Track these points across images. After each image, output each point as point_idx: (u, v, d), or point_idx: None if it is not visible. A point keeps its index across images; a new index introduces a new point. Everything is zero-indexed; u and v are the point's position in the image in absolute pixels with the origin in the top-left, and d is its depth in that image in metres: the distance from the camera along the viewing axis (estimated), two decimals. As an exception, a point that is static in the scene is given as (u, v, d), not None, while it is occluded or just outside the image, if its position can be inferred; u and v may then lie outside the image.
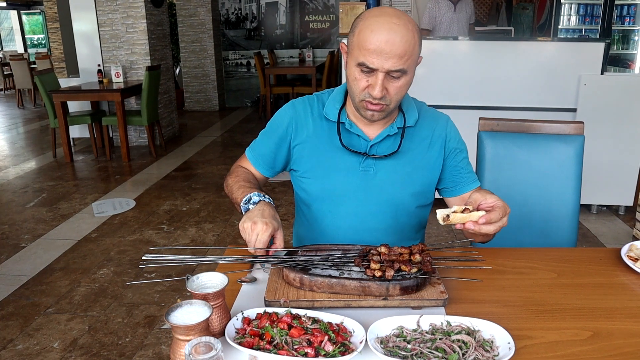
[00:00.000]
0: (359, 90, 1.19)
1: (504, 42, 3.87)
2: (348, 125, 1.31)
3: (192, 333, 0.83)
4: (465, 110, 3.44)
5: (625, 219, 3.69)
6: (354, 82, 1.19)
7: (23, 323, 2.46)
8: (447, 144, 1.35)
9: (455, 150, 1.36)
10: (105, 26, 5.80)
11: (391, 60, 1.12)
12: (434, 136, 1.35)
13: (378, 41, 1.11)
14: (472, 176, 1.38)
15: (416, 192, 1.34)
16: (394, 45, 1.11)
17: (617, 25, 6.81)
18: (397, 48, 1.11)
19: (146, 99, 5.28)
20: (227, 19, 8.49)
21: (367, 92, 1.18)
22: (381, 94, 1.15)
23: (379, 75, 1.14)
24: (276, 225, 1.14)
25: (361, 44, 1.14)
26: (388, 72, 1.13)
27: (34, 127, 7.58)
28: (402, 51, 1.12)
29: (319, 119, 1.35)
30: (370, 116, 1.23)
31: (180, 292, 2.71)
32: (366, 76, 1.16)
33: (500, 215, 1.08)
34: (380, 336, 0.92)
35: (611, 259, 1.27)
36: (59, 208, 4.03)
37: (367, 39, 1.12)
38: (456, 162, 1.36)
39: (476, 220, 1.07)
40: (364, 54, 1.13)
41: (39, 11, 14.62)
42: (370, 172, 1.31)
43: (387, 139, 1.31)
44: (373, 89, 1.15)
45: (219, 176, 4.83)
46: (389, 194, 1.33)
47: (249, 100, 8.80)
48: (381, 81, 1.14)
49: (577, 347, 0.93)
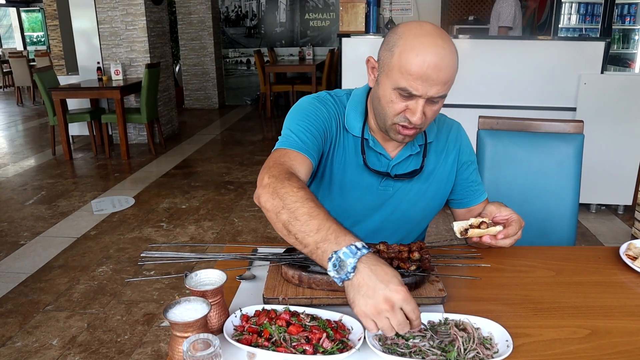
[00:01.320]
0: (393, 113, 1.11)
1: (504, 40, 3.87)
2: (372, 142, 1.23)
3: (190, 330, 0.83)
4: (465, 109, 3.44)
5: (624, 218, 3.69)
6: (388, 104, 1.10)
7: (22, 320, 2.46)
8: (460, 156, 1.32)
9: (467, 162, 1.33)
10: (104, 23, 5.79)
11: (436, 87, 1.04)
12: (448, 147, 1.31)
13: (425, 67, 1.02)
14: (480, 188, 1.36)
15: (429, 207, 1.33)
16: (441, 71, 1.03)
17: (617, 24, 6.81)
18: (444, 75, 1.03)
19: (146, 97, 5.27)
20: (227, 17, 8.48)
21: (403, 116, 1.10)
22: (421, 121, 1.08)
23: (420, 102, 1.06)
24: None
25: (403, 67, 1.04)
26: (430, 98, 1.06)
27: (33, 125, 7.57)
28: (447, 77, 1.04)
29: (343, 129, 1.24)
30: (401, 140, 1.16)
31: (179, 290, 2.71)
32: (404, 100, 1.08)
33: (517, 229, 1.11)
34: (379, 333, 0.92)
35: (610, 258, 1.27)
36: (58, 206, 4.03)
37: (412, 63, 1.03)
38: (467, 174, 1.33)
39: (494, 234, 1.12)
40: (406, 78, 1.04)
41: (38, 8, 14.58)
42: (388, 191, 1.27)
43: (409, 158, 1.26)
44: (413, 114, 1.08)
45: (218, 174, 4.83)
46: (403, 211, 1.30)
47: (249, 98, 8.79)
48: (422, 107, 1.07)
49: (575, 345, 0.93)
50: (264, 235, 3.43)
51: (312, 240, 0.89)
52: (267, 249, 1.25)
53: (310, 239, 0.89)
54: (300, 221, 0.91)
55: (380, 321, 0.81)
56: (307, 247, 0.90)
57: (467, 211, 1.35)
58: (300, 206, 0.93)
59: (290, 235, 0.93)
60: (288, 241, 0.95)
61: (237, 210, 3.90)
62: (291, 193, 0.95)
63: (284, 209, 0.94)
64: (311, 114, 1.20)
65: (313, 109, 1.21)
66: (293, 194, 0.95)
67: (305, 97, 1.26)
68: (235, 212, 3.85)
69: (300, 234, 0.91)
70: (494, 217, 1.12)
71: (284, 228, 0.94)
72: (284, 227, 0.94)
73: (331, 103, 1.24)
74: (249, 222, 3.65)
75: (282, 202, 0.95)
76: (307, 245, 0.90)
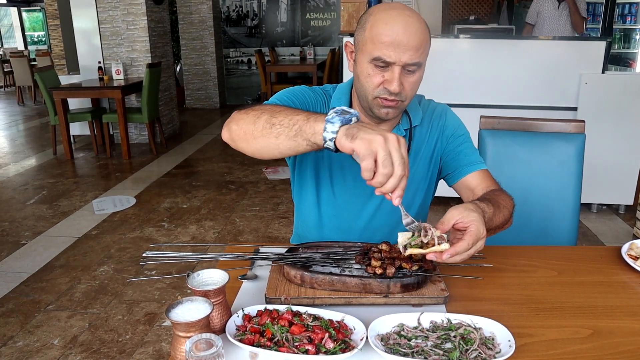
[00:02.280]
0: (372, 86, 1.14)
1: (505, 40, 3.87)
2: None
3: (192, 330, 0.83)
4: (466, 109, 3.43)
5: (625, 217, 3.69)
6: (366, 78, 1.14)
7: (23, 320, 2.47)
8: (445, 131, 1.33)
9: (453, 136, 1.33)
10: (105, 23, 5.79)
11: (408, 53, 1.08)
12: (432, 126, 1.33)
13: (394, 33, 1.07)
14: (471, 158, 1.30)
15: (419, 189, 1.34)
16: (411, 36, 1.08)
17: (618, 24, 6.81)
18: (414, 40, 1.08)
19: (147, 97, 5.28)
20: (228, 17, 8.48)
21: (382, 88, 1.13)
22: (399, 89, 1.11)
23: (396, 70, 1.10)
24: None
25: (375, 38, 1.09)
26: (404, 66, 1.10)
27: (34, 125, 7.58)
28: (418, 43, 1.09)
29: None
30: (385, 114, 1.17)
31: (180, 290, 2.71)
32: (381, 71, 1.12)
33: (468, 245, 0.94)
34: (381, 333, 0.92)
35: (611, 257, 1.27)
36: (59, 205, 4.03)
37: (383, 32, 1.08)
38: (454, 146, 1.32)
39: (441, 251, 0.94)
40: (379, 47, 1.09)
41: (39, 8, 14.59)
42: None
43: None
44: (390, 83, 1.11)
45: (219, 174, 4.83)
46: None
47: (250, 98, 8.80)
48: (398, 75, 1.10)
49: (577, 345, 0.93)
50: (265, 235, 3.43)
51: (301, 116, 0.94)
52: (269, 249, 1.25)
53: (299, 116, 0.94)
54: (283, 112, 0.97)
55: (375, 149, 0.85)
56: (296, 123, 0.94)
57: (465, 187, 1.30)
58: (277, 107, 1.01)
59: (274, 126, 0.96)
60: (272, 134, 0.96)
61: (238, 209, 3.90)
62: (262, 106, 1.03)
63: (262, 113, 0.99)
64: (299, 93, 1.26)
65: (301, 91, 1.27)
66: (263, 106, 1.03)
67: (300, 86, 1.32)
68: (237, 211, 3.85)
69: (285, 118, 0.95)
70: (457, 223, 0.96)
71: (267, 123, 0.97)
72: (266, 122, 0.97)
73: (319, 93, 1.31)
74: (250, 222, 3.65)
75: (257, 111, 1.01)
76: (297, 121, 0.94)
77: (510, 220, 1.21)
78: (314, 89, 1.31)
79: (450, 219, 0.97)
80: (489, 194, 1.19)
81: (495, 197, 1.18)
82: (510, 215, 1.20)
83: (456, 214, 0.97)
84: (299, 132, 0.94)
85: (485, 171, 1.30)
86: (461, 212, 0.97)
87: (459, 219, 0.97)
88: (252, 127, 0.99)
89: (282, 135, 0.96)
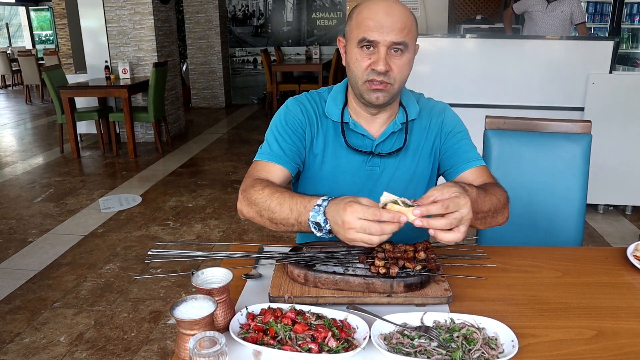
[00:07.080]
0: (361, 70, 1.17)
1: (512, 40, 3.85)
2: (352, 125, 1.28)
3: (196, 327, 0.84)
4: (472, 109, 3.43)
5: (632, 218, 3.67)
6: (355, 63, 1.18)
7: (30, 317, 2.49)
8: (443, 127, 1.33)
9: (452, 132, 1.33)
10: (112, 22, 5.82)
11: (392, 33, 1.13)
12: (431, 122, 1.33)
13: (377, 16, 1.13)
14: (469, 155, 1.29)
15: (419, 185, 1.34)
16: (394, 17, 1.13)
17: (626, 23, 6.75)
18: (397, 21, 1.13)
19: (153, 96, 5.30)
20: (234, 16, 8.50)
21: (370, 70, 1.16)
22: (385, 68, 1.14)
23: (381, 49, 1.14)
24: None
25: (360, 23, 1.15)
26: (390, 46, 1.14)
27: (41, 123, 7.63)
28: (401, 24, 1.13)
29: (323, 118, 1.31)
30: (376, 99, 1.19)
31: (185, 288, 2.72)
32: (368, 54, 1.16)
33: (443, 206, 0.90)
34: (384, 333, 0.92)
35: (617, 259, 1.26)
36: (66, 203, 4.06)
37: (366, 16, 1.14)
38: (452, 143, 1.32)
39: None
40: (364, 30, 1.14)
41: (47, 7, 14.67)
42: (376, 171, 1.31)
43: (392, 136, 1.30)
44: (377, 64, 1.14)
45: (224, 173, 4.84)
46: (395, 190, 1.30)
47: (256, 98, 8.81)
48: (384, 54, 1.14)
49: (582, 346, 0.93)
50: (269, 234, 3.44)
51: (293, 220, 1.05)
52: (273, 248, 1.26)
53: (292, 221, 1.05)
54: (276, 212, 1.08)
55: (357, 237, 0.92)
56: (294, 227, 1.06)
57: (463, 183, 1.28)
58: (270, 202, 1.09)
59: (278, 225, 1.10)
60: (281, 230, 1.10)
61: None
62: (258, 196, 1.11)
63: (261, 210, 1.11)
64: (286, 116, 1.31)
65: (290, 116, 1.30)
66: (260, 196, 1.11)
67: (288, 100, 1.36)
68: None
69: (283, 221, 1.07)
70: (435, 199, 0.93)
71: (271, 223, 1.11)
72: (271, 222, 1.11)
73: (308, 100, 1.33)
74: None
75: (257, 206, 1.12)
76: (293, 225, 1.06)
77: (506, 214, 1.19)
78: (300, 99, 1.34)
79: (429, 195, 0.94)
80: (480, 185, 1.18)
81: (485, 185, 1.17)
82: (504, 208, 1.18)
83: (435, 191, 0.94)
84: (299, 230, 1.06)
85: (484, 167, 1.30)
86: (440, 189, 0.94)
87: (438, 196, 0.93)
88: (261, 222, 1.13)
89: (288, 229, 1.09)
